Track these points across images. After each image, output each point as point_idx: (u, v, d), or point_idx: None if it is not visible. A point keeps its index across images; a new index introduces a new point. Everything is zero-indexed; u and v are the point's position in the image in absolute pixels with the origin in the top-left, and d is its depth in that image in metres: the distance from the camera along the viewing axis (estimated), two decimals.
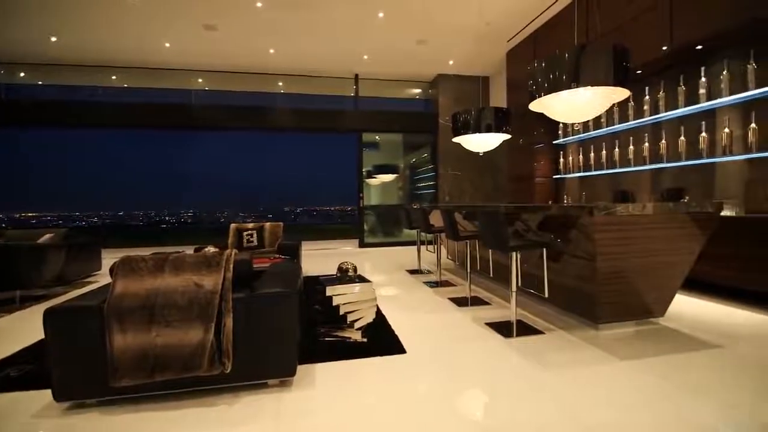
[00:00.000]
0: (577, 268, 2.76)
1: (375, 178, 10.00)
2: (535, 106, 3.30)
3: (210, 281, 1.87)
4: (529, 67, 3.24)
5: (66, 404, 1.83)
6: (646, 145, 4.58)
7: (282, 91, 8.70)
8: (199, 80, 8.18)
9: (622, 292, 2.70)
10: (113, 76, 7.91)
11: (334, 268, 3.21)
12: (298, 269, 2.81)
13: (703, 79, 3.90)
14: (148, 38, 6.51)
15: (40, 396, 1.91)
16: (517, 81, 6.59)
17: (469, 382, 2.06)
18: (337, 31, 6.45)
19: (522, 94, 5.93)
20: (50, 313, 1.77)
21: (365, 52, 7.36)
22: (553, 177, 6.27)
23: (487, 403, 1.86)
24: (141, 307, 1.77)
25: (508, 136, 4.81)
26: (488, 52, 7.33)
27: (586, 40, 4.96)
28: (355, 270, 3.13)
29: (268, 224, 5.18)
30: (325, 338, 2.66)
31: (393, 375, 2.14)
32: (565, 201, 6.08)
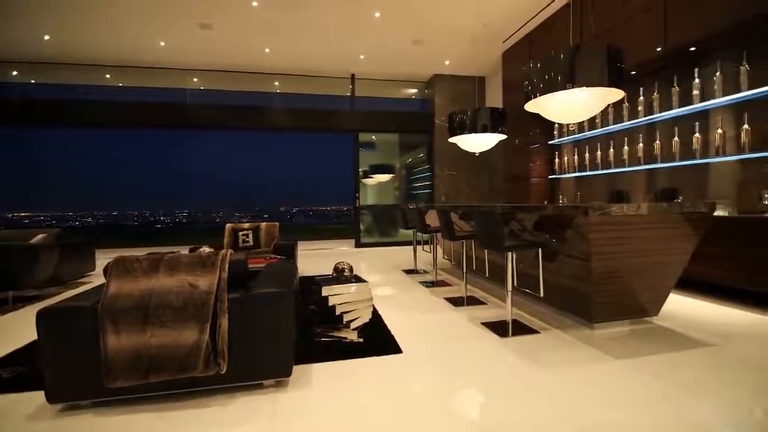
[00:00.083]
0: (573, 268, 2.78)
1: (371, 178, 10.00)
2: (531, 107, 3.31)
3: (205, 281, 1.86)
4: (524, 68, 3.25)
5: (59, 406, 1.81)
6: (641, 145, 4.62)
7: (278, 91, 8.68)
8: (194, 79, 8.13)
9: (617, 292, 2.72)
10: (107, 75, 7.84)
11: (330, 268, 3.20)
12: (294, 269, 2.81)
13: (696, 80, 3.93)
14: (142, 37, 6.47)
15: (33, 398, 1.90)
16: (513, 81, 6.62)
17: (465, 381, 2.06)
18: (333, 31, 6.44)
19: (518, 95, 5.96)
20: (43, 314, 1.75)
21: (361, 52, 7.35)
22: (549, 177, 6.30)
23: (483, 402, 1.86)
24: (135, 308, 1.76)
25: (503, 137, 4.83)
26: (484, 53, 7.35)
27: (580, 41, 4.98)
28: (351, 270, 3.13)
29: (263, 224, 5.16)
30: (321, 338, 2.65)
31: (389, 375, 2.14)
32: (560, 201, 6.11)
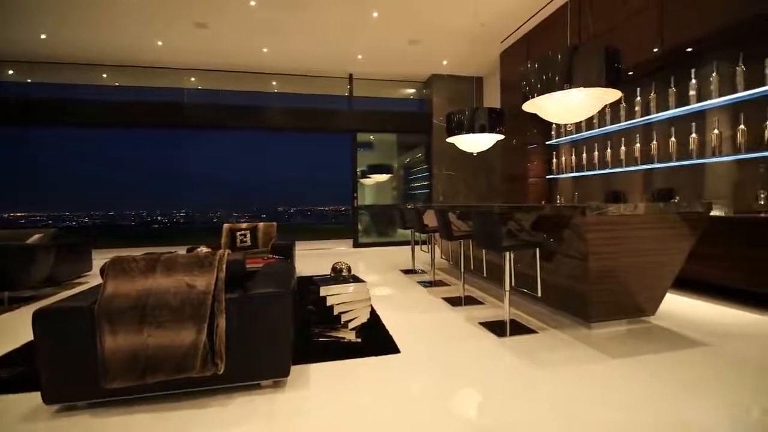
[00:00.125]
0: (570, 268, 2.78)
1: (369, 177, 10.00)
2: (529, 107, 3.32)
3: (202, 282, 1.85)
4: (522, 68, 3.26)
5: (56, 407, 1.80)
6: (638, 145, 4.64)
7: (276, 91, 8.66)
8: (192, 79, 8.11)
9: (614, 292, 2.73)
10: (104, 75, 7.81)
11: (328, 268, 3.20)
12: (292, 269, 2.80)
13: (693, 81, 3.95)
14: (139, 36, 6.44)
15: (30, 398, 1.89)
16: (511, 82, 6.63)
17: (463, 381, 2.07)
18: (331, 31, 6.43)
19: (515, 95, 5.97)
20: (39, 315, 1.74)
21: (359, 52, 7.35)
22: (546, 177, 6.32)
23: (481, 402, 1.87)
24: (132, 308, 1.76)
25: (501, 137, 4.84)
26: (482, 53, 7.35)
27: (578, 42, 5.00)
28: (349, 270, 3.13)
29: (261, 224, 5.15)
30: (319, 338, 2.65)
31: (387, 375, 2.14)
32: (558, 201, 6.12)
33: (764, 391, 1.90)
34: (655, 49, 4.01)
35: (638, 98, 4.56)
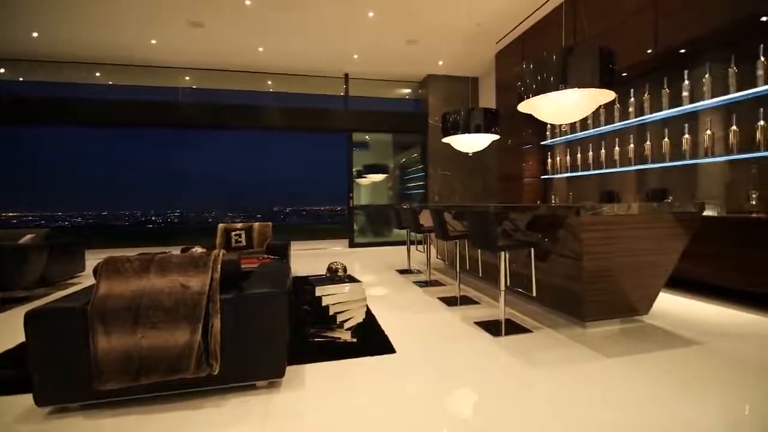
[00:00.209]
0: (565, 268, 2.80)
1: (365, 177, 9.99)
2: (524, 107, 3.33)
3: (197, 282, 1.84)
4: (517, 69, 3.27)
5: (48, 408, 1.79)
6: (631, 146, 4.67)
7: (271, 90, 8.63)
8: (187, 78, 8.06)
9: (608, 291, 2.74)
10: (97, 73, 7.74)
11: (324, 268, 3.19)
12: (287, 269, 2.79)
13: (686, 82, 3.98)
14: (133, 35, 6.39)
15: (21, 401, 1.86)
16: (506, 82, 6.65)
17: (458, 381, 2.07)
18: (327, 30, 6.42)
19: (511, 95, 5.99)
20: (31, 316, 1.72)
21: (355, 52, 7.34)
22: (541, 177, 6.35)
23: (477, 401, 1.87)
24: (126, 309, 1.74)
25: (496, 137, 4.85)
26: (477, 53, 7.38)
27: (573, 43, 5.03)
28: (345, 270, 3.12)
29: (256, 224, 5.13)
30: (315, 339, 2.64)
31: (383, 375, 2.14)
32: (552, 201, 6.16)
33: (759, 389, 1.92)
34: (649, 51, 4.04)
35: (632, 99, 4.60)
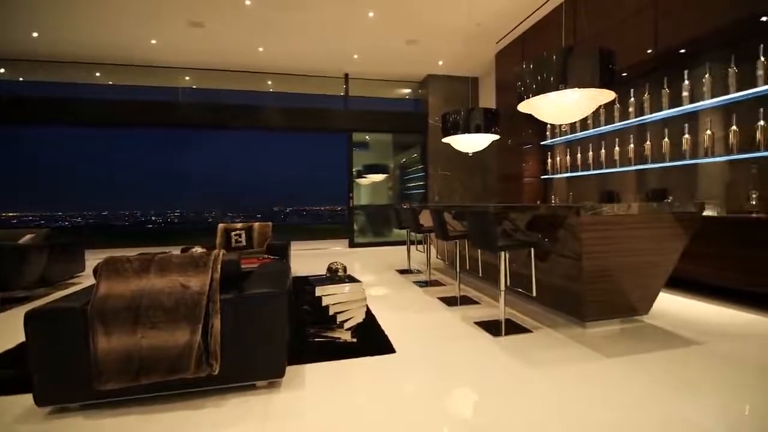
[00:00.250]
0: (564, 268, 2.80)
1: (365, 177, 9.98)
2: (524, 107, 3.33)
3: (197, 282, 1.84)
4: (517, 69, 3.27)
5: (48, 408, 1.79)
6: (631, 146, 4.67)
7: (271, 90, 8.63)
8: (186, 78, 8.06)
9: (608, 291, 2.74)
10: (97, 73, 7.74)
11: (324, 269, 3.19)
12: (287, 269, 2.79)
13: (686, 82, 3.98)
14: (133, 34, 6.39)
15: (22, 401, 1.87)
16: (506, 82, 6.65)
17: (458, 380, 2.07)
18: (327, 30, 6.42)
19: (511, 95, 5.99)
20: (31, 316, 1.72)
21: (355, 52, 7.34)
22: (541, 177, 6.35)
23: (477, 401, 1.87)
24: (126, 309, 1.74)
25: (497, 137, 4.85)
26: (477, 53, 7.37)
27: (573, 43, 5.02)
28: (345, 270, 3.12)
29: (256, 224, 5.13)
30: (315, 339, 2.65)
31: (383, 375, 2.14)
32: (552, 201, 6.15)
33: (759, 389, 1.92)
34: (649, 51, 4.04)
35: (632, 99, 4.60)
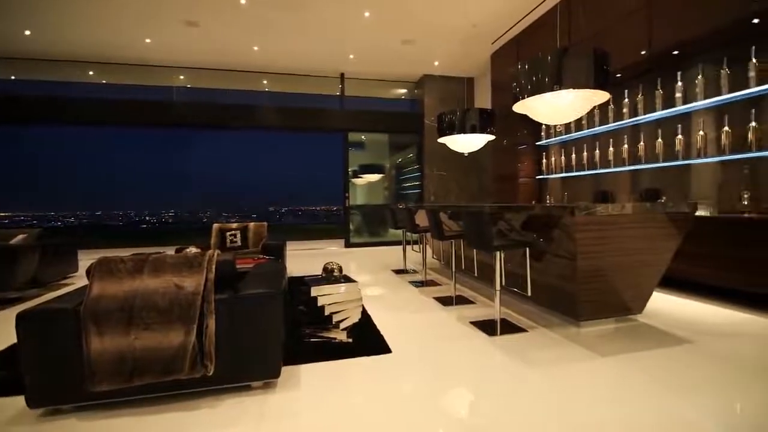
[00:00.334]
0: (559, 267, 2.81)
1: (361, 177, 9.98)
2: (519, 108, 3.35)
3: (191, 282, 1.83)
4: (512, 69, 3.28)
5: (40, 410, 1.77)
6: (625, 146, 4.70)
7: (267, 90, 8.60)
8: (181, 77, 8.01)
9: (602, 291, 2.76)
10: (90, 72, 7.67)
11: (320, 269, 3.18)
12: (283, 270, 2.79)
13: (679, 84, 4.02)
14: (127, 33, 6.34)
15: (13, 403, 1.84)
16: (501, 82, 6.67)
17: (454, 380, 2.08)
18: (323, 30, 6.41)
19: (506, 96, 6.01)
20: (23, 317, 1.70)
21: (351, 52, 7.33)
22: (536, 177, 6.38)
23: (473, 401, 1.88)
24: (119, 310, 1.73)
25: (492, 137, 4.87)
26: (473, 54, 7.39)
27: (568, 44, 5.05)
28: (341, 270, 3.12)
29: (252, 224, 5.11)
30: (310, 339, 2.64)
31: (379, 375, 2.14)
32: (547, 201, 6.19)
33: (751, 387, 1.94)
34: (643, 52, 4.07)
35: (626, 100, 4.63)
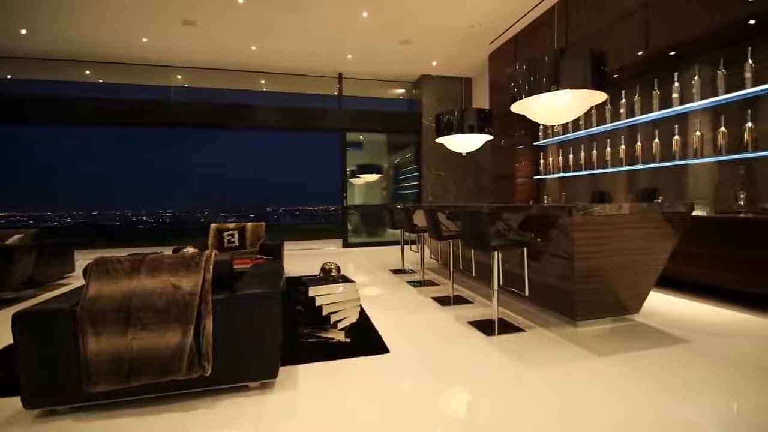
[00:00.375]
0: (557, 267, 2.82)
1: (359, 177, 9.97)
2: (516, 108, 3.35)
3: (189, 282, 1.83)
4: (510, 70, 3.29)
5: (36, 411, 1.76)
6: (623, 147, 4.72)
7: (264, 89, 8.58)
8: (179, 77, 7.99)
9: (600, 290, 2.77)
10: (87, 71, 7.64)
11: (317, 269, 3.18)
12: (281, 270, 2.78)
13: (676, 84, 4.04)
14: (124, 32, 6.32)
15: (9, 403, 1.83)
16: (499, 83, 6.68)
17: (452, 380, 2.08)
18: (321, 30, 6.40)
19: (504, 96, 6.01)
20: (19, 317, 1.70)
21: (349, 51, 7.33)
22: (534, 177, 6.39)
23: (471, 401, 1.88)
24: (116, 310, 1.72)
25: (490, 137, 4.88)
26: (471, 54, 7.40)
27: (565, 45, 5.07)
28: (339, 270, 3.11)
29: (249, 224, 5.10)
30: (308, 339, 2.64)
31: (376, 375, 2.14)
32: (545, 201, 6.20)
33: (746, 386, 1.95)
34: (640, 53, 4.09)
35: (623, 100, 4.65)
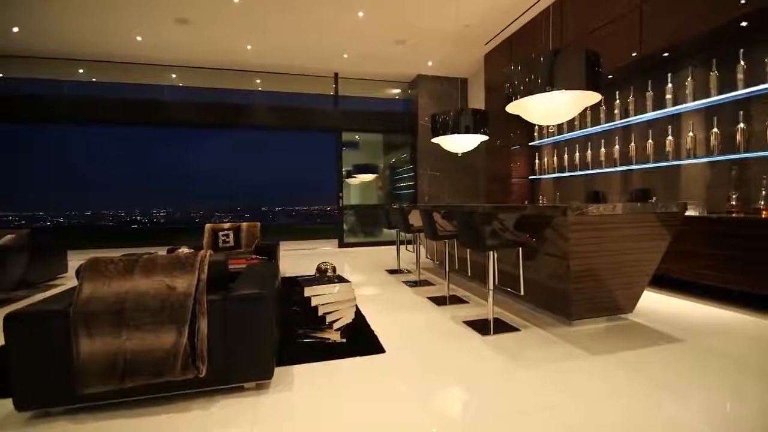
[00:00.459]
0: (552, 267, 2.84)
1: (355, 177, 9.96)
2: (512, 109, 3.37)
3: (183, 283, 1.82)
4: (505, 70, 3.30)
5: (29, 413, 1.74)
6: (617, 147, 4.75)
7: (260, 89, 8.55)
8: (173, 76, 7.94)
9: (594, 290, 2.79)
10: (80, 70, 7.57)
11: (313, 269, 3.18)
12: (276, 270, 2.78)
13: (669, 85, 4.07)
14: (117, 31, 6.26)
15: (1, 405, 1.81)
16: (495, 83, 6.71)
17: (448, 380, 2.08)
18: (316, 29, 6.39)
19: (499, 96, 6.05)
20: (11, 318, 1.68)
21: (345, 51, 7.32)
22: (529, 178, 6.42)
23: (467, 400, 1.88)
24: (110, 311, 1.71)
25: (485, 138, 4.90)
26: (466, 55, 7.42)
27: (560, 45, 5.10)
28: (334, 270, 3.12)
29: (244, 224, 5.08)
30: (304, 339, 2.63)
31: (372, 375, 2.14)
32: (540, 201, 6.23)
33: (738, 384, 1.97)
34: (634, 54, 4.12)
35: (617, 101, 4.68)
